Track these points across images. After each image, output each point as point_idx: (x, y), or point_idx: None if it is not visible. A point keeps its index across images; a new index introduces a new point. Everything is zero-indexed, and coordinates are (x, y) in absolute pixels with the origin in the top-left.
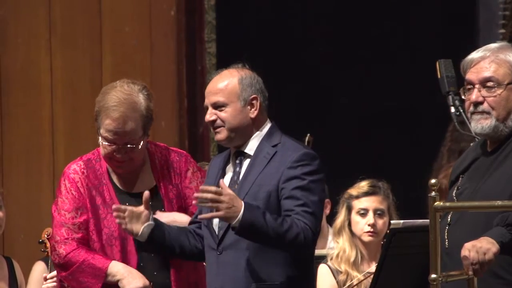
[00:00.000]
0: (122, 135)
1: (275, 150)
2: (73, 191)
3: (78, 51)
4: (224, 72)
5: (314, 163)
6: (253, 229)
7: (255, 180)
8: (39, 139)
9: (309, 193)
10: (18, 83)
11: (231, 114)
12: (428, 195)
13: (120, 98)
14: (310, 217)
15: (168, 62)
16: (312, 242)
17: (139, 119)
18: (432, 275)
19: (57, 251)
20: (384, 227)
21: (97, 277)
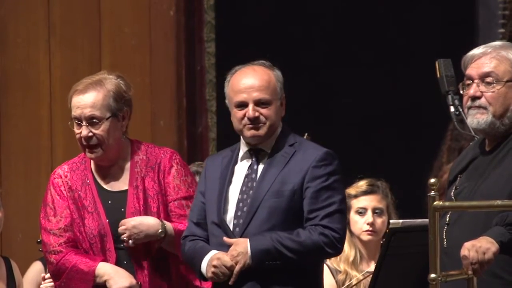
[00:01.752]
0: (83, 107)
1: (293, 150)
2: (56, 195)
3: (77, 52)
4: (257, 68)
5: (335, 162)
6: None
7: (276, 178)
8: (38, 139)
9: (333, 192)
10: (17, 83)
11: (274, 112)
12: (428, 194)
13: (86, 80)
14: (333, 217)
15: (167, 62)
16: (339, 241)
17: (103, 95)
18: (432, 274)
19: (49, 261)
20: (383, 226)
21: (86, 281)
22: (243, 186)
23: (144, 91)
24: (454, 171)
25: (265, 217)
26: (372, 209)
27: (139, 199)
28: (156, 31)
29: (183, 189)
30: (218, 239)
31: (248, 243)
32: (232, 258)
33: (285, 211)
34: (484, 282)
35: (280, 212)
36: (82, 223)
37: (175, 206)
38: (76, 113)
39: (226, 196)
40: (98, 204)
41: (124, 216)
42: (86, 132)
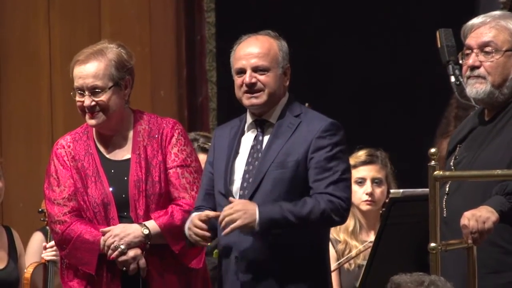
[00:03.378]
0: (86, 77)
1: (299, 120)
2: (60, 165)
3: (76, 22)
4: (260, 37)
5: (340, 132)
6: (274, 223)
7: (281, 149)
8: (38, 109)
9: (338, 162)
10: (16, 54)
11: (273, 79)
12: (428, 164)
13: (88, 49)
14: (338, 186)
15: (167, 32)
16: (345, 209)
17: (105, 64)
18: (432, 244)
19: (54, 231)
20: (382, 196)
21: (92, 251)
22: (249, 157)
23: (144, 61)
24: (453, 141)
25: (270, 188)
26: (371, 179)
27: (142, 168)
28: (156, 1)
29: (180, 157)
30: None
31: (257, 209)
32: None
33: (290, 182)
34: (483, 250)
35: (284, 183)
36: (85, 192)
37: (171, 175)
38: (78, 84)
39: (233, 167)
40: (101, 173)
41: (127, 185)
42: (89, 101)
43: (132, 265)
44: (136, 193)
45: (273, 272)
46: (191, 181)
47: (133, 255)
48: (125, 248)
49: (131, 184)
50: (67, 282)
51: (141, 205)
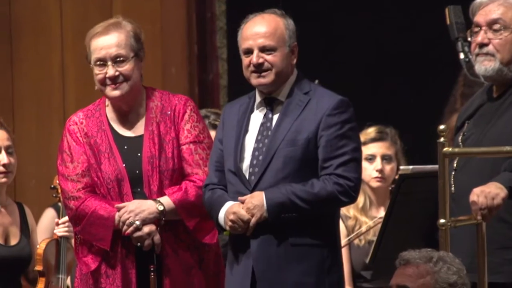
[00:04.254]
0: (108, 47)
1: (308, 98)
2: (73, 142)
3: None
4: (267, 16)
5: (350, 110)
6: (282, 208)
7: (291, 127)
8: (50, 85)
9: (348, 140)
10: (28, 29)
11: (280, 58)
12: (437, 141)
13: (105, 22)
14: (348, 166)
15: (178, 9)
16: (353, 189)
17: (125, 35)
18: (441, 220)
19: (68, 206)
20: (391, 172)
21: (106, 227)
22: (258, 135)
23: (154, 39)
24: (461, 118)
25: (280, 166)
26: (381, 156)
27: (155, 144)
28: None
29: (193, 133)
30: (235, 187)
31: (264, 196)
32: (248, 211)
33: (300, 160)
34: (492, 226)
35: (295, 161)
36: (99, 168)
37: (184, 151)
38: (100, 55)
39: (243, 145)
40: (114, 149)
41: (140, 161)
42: (112, 71)
43: (147, 241)
44: (150, 169)
45: (284, 248)
46: (204, 157)
47: (148, 231)
48: (140, 224)
49: (144, 160)
50: (81, 258)
51: (155, 181)
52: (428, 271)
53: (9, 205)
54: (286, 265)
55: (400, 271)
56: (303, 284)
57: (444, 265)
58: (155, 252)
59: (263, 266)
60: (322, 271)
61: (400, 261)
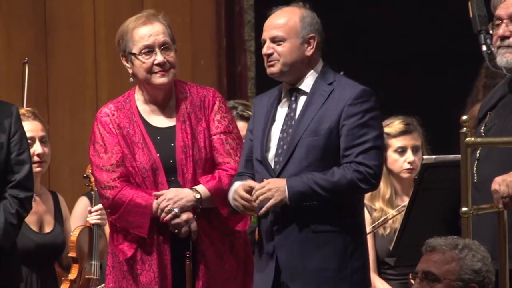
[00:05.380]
0: (156, 34)
1: (331, 88)
2: (106, 133)
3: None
4: (286, 8)
5: (372, 99)
6: (304, 196)
7: (314, 117)
8: (83, 77)
9: (369, 129)
10: (62, 24)
11: (288, 49)
12: (460, 131)
13: (140, 15)
14: (369, 154)
15: (207, 3)
16: (374, 176)
17: (165, 26)
18: (463, 208)
19: (104, 196)
20: (420, 162)
21: (144, 214)
22: (283, 124)
23: (184, 32)
24: (483, 109)
25: (303, 155)
26: (411, 148)
27: (187, 134)
28: None
29: (223, 124)
30: (261, 175)
31: (286, 183)
32: (265, 190)
33: (323, 149)
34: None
35: (317, 150)
36: (133, 158)
37: (215, 141)
38: (149, 42)
39: (269, 134)
40: (147, 140)
41: (174, 151)
42: (161, 57)
43: (184, 228)
44: (184, 158)
45: (306, 235)
46: (234, 146)
47: (186, 218)
48: (179, 211)
49: (178, 149)
50: (117, 246)
51: (189, 170)
52: (453, 257)
53: (44, 194)
54: (309, 252)
55: (426, 257)
56: (326, 269)
57: (469, 252)
58: (191, 239)
59: (286, 254)
60: (345, 257)
61: (426, 248)
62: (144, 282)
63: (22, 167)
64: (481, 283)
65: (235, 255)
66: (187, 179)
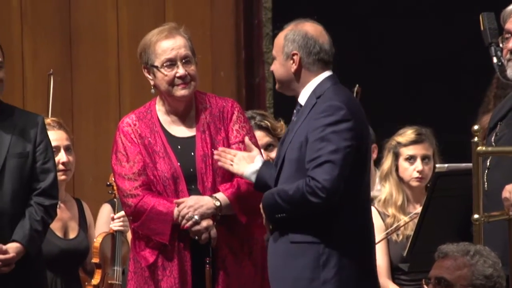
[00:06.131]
0: (178, 48)
1: (315, 102)
2: (127, 142)
3: (143, 6)
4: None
5: (338, 113)
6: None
7: (297, 130)
8: (107, 88)
9: (327, 143)
10: (87, 37)
11: (276, 67)
12: (471, 140)
13: (162, 28)
14: (321, 168)
15: (227, 16)
16: (322, 189)
17: (186, 39)
18: (475, 215)
19: (126, 204)
20: (429, 172)
21: (165, 222)
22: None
23: (205, 44)
24: (494, 119)
25: (286, 167)
26: (421, 157)
27: (207, 144)
28: None
29: (242, 133)
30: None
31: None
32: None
33: (296, 162)
34: None
35: (293, 163)
36: (154, 167)
37: (234, 149)
38: (171, 55)
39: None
40: (168, 149)
41: (194, 160)
42: (183, 70)
43: (204, 234)
44: (203, 167)
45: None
46: None
47: (206, 225)
48: (199, 218)
49: (198, 158)
50: (139, 252)
51: (209, 178)
52: (465, 263)
53: (68, 201)
54: (288, 261)
55: (439, 264)
56: (301, 279)
57: (480, 258)
58: (210, 246)
59: (271, 262)
60: (317, 267)
61: (439, 254)
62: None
63: (47, 175)
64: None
65: (253, 261)
66: (207, 187)
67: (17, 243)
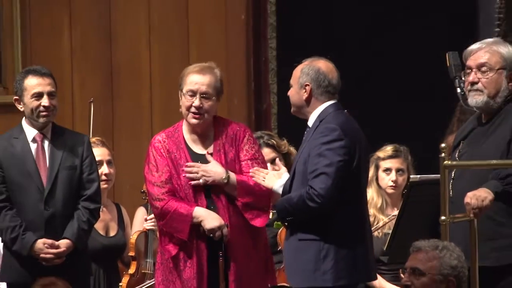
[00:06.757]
0: (201, 84)
1: (318, 124)
2: (158, 156)
3: (171, 46)
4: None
5: (333, 134)
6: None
7: (304, 148)
8: (141, 113)
9: (323, 158)
10: (125, 72)
11: (292, 93)
12: (439, 156)
13: (201, 64)
14: (318, 178)
15: (240, 55)
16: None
17: (214, 80)
18: (442, 217)
19: (154, 206)
20: (403, 182)
21: (185, 222)
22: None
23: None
24: (457, 138)
25: (296, 178)
26: (396, 170)
27: (221, 160)
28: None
29: (250, 152)
30: None
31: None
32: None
33: (302, 175)
34: (482, 222)
35: (300, 175)
36: (178, 178)
37: (243, 166)
38: (194, 87)
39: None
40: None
41: None
42: (199, 102)
43: (217, 232)
44: None
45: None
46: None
47: (219, 224)
48: (202, 182)
49: None
50: (164, 246)
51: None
52: (435, 256)
53: (109, 205)
54: (296, 255)
55: (413, 256)
56: (307, 270)
57: (447, 252)
58: (223, 242)
59: (286, 256)
60: (319, 260)
61: (413, 248)
62: (186, 278)
63: (92, 184)
64: (457, 277)
65: (259, 255)
66: (220, 195)
67: (67, 240)
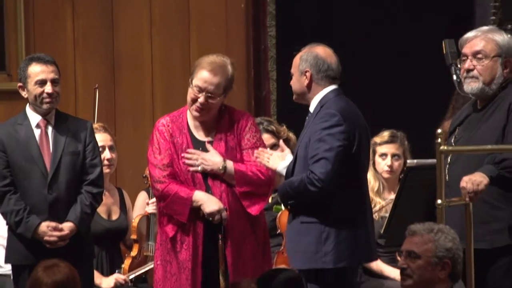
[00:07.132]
0: (210, 84)
1: (319, 110)
2: (161, 139)
3: (171, 37)
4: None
5: (333, 119)
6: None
7: (305, 133)
8: (142, 99)
9: (323, 143)
10: (127, 62)
11: (293, 81)
12: (435, 141)
13: (216, 60)
14: (318, 163)
15: (240, 43)
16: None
17: (224, 79)
18: (438, 200)
19: (155, 188)
20: (399, 167)
21: (185, 205)
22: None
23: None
24: (453, 124)
25: (298, 162)
26: (391, 155)
27: (221, 148)
28: (231, 20)
29: (252, 141)
30: None
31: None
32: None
33: (303, 159)
34: (477, 206)
35: (301, 159)
36: (179, 162)
37: (245, 154)
38: (202, 85)
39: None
40: (191, 149)
41: None
42: (203, 99)
43: (216, 216)
44: None
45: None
46: None
47: (218, 208)
48: (200, 170)
49: None
50: (162, 227)
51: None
52: (430, 239)
53: (112, 189)
54: (299, 238)
55: (409, 239)
56: (308, 252)
57: (442, 235)
58: (222, 225)
59: (288, 239)
60: (320, 242)
61: (409, 232)
62: (182, 259)
63: (95, 169)
64: (452, 259)
65: (256, 239)
66: (217, 181)
67: (71, 223)
